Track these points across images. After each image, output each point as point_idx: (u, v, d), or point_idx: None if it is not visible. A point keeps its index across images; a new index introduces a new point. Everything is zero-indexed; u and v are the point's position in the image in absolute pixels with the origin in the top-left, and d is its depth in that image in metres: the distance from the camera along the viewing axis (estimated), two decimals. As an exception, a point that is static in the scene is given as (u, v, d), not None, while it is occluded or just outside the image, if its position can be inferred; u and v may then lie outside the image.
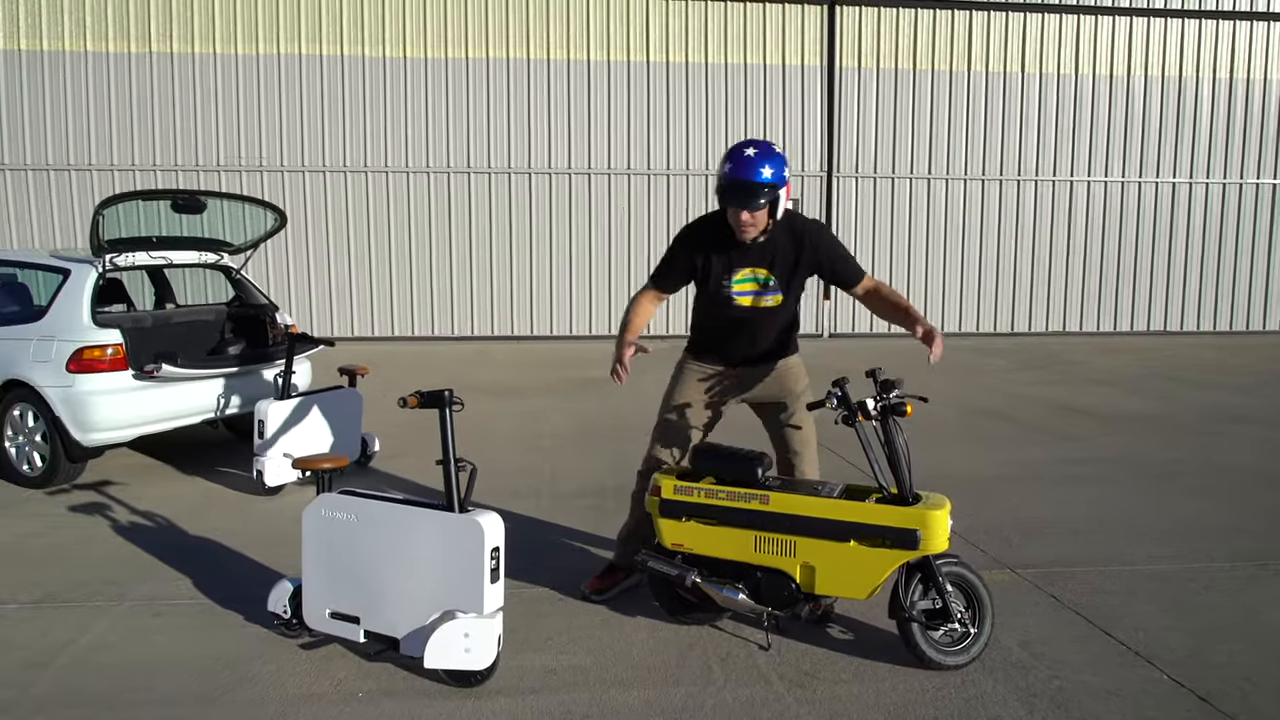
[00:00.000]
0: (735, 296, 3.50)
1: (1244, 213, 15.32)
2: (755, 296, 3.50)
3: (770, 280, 3.48)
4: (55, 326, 5.47)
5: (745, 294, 3.49)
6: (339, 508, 3.22)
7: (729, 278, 3.47)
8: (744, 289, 3.49)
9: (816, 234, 3.49)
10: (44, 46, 12.88)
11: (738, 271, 3.47)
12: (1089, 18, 14.66)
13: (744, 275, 3.47)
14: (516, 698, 3.00)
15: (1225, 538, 4.66)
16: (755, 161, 3.25)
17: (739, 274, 3.47)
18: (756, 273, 3.47)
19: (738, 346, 3.64)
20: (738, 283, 3.48)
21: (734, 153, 3.31)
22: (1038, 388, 9.58)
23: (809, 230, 3.47)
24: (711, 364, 3.70)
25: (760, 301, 3.51)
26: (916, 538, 3.05)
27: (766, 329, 3.60)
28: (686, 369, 3.74)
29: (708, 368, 3.70)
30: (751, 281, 3.48)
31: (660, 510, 3.42)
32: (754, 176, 3.24)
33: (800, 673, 3.18)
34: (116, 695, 3.03)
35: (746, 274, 3.47)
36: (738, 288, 3.49)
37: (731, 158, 3.30)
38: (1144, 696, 3.01)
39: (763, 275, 3.47)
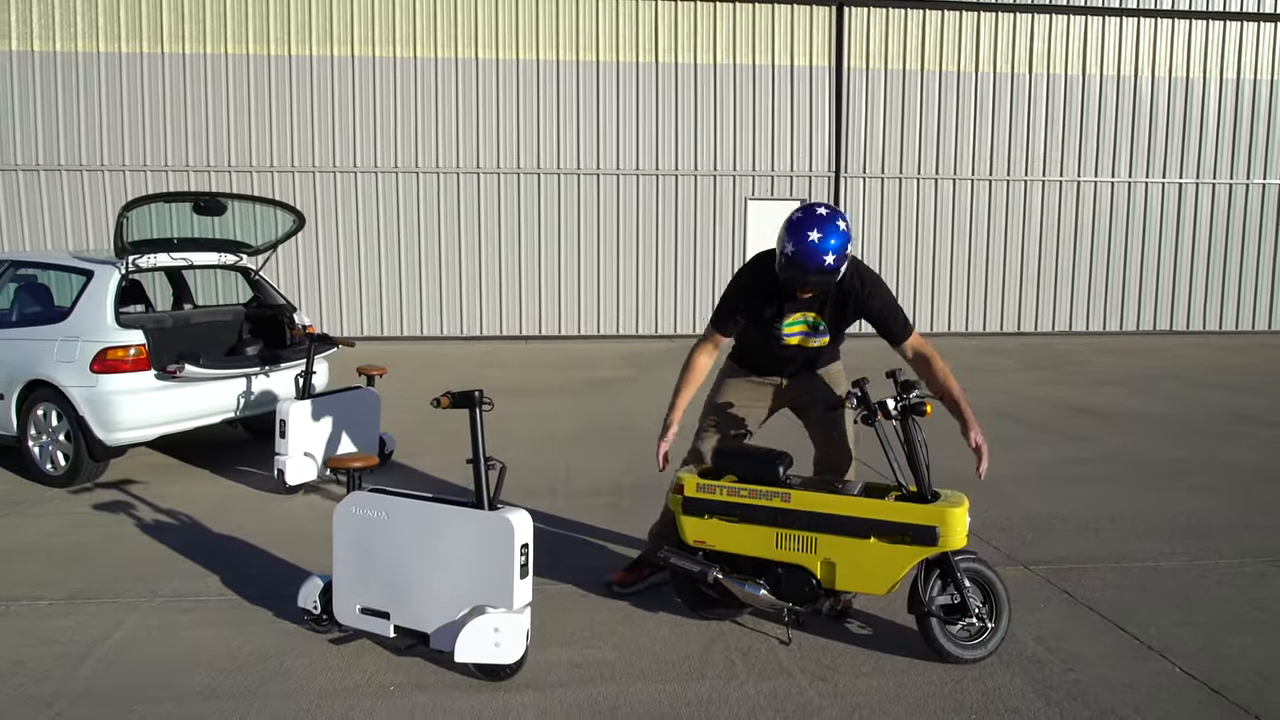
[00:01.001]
0: (785, 337, 3.56)
1: (1250, 213, 15.36)
2: (804, 337, 3.57)
3: (820, 325, 3.54)
4: (79, 327, 5.55)
5: (795, 334, 3.56)
6: (370, 505, 3.29)
7: (780, 320, 3.52)
8: (794, 330, 3.55)
9: (872, 286, 3.47)
10: (55, 47, 12.97)
11: (790, 315, 3.52)
12: (1096, 18, 14.70)
13: (795, 319, 3.53)
14: (544, 691, 3.07)
15: (1234, 534, 4.72)
16: (819, 247, 3.18)
17: (791, 317, 3.52)
18: (807, 316, 3.53)
19: (783, 371, 3.75)
20: (789, 325, 3.53)
21: (797, 231, 3.21)
22: (1045, 387, 9.63)
23: (866, 281, 3.46)
24: (750, 375, 3.80)
25: (808, 342, 3.58)
26: (936, 534, 3.12)
27: (810, 360, 3.71)
28: (730, 376, 3.82)
29: (749, 377, 3.79)
30: (802, 324, 3.55)
31: (683, 507, 3.49)
32: (816, 264, 3.20)
33: (821, 666, 3.25)
34: (154, 688, 3.10)
35: (798, 317, 3.53)
36: (788, 330, 3.54)
37: (794, 236, 3.21)
38: (1158, 689, 3.08)
39: (813, 319, 3.53)
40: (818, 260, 3.20)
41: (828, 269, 3.22)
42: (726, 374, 3.84)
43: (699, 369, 3.62)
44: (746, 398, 3.78)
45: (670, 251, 14.27)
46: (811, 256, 3.19)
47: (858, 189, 14.53)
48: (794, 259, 3.22)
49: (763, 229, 14.48)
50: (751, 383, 3.78)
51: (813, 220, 3.21)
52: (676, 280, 14.33)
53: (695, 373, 3.61)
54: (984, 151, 14.71)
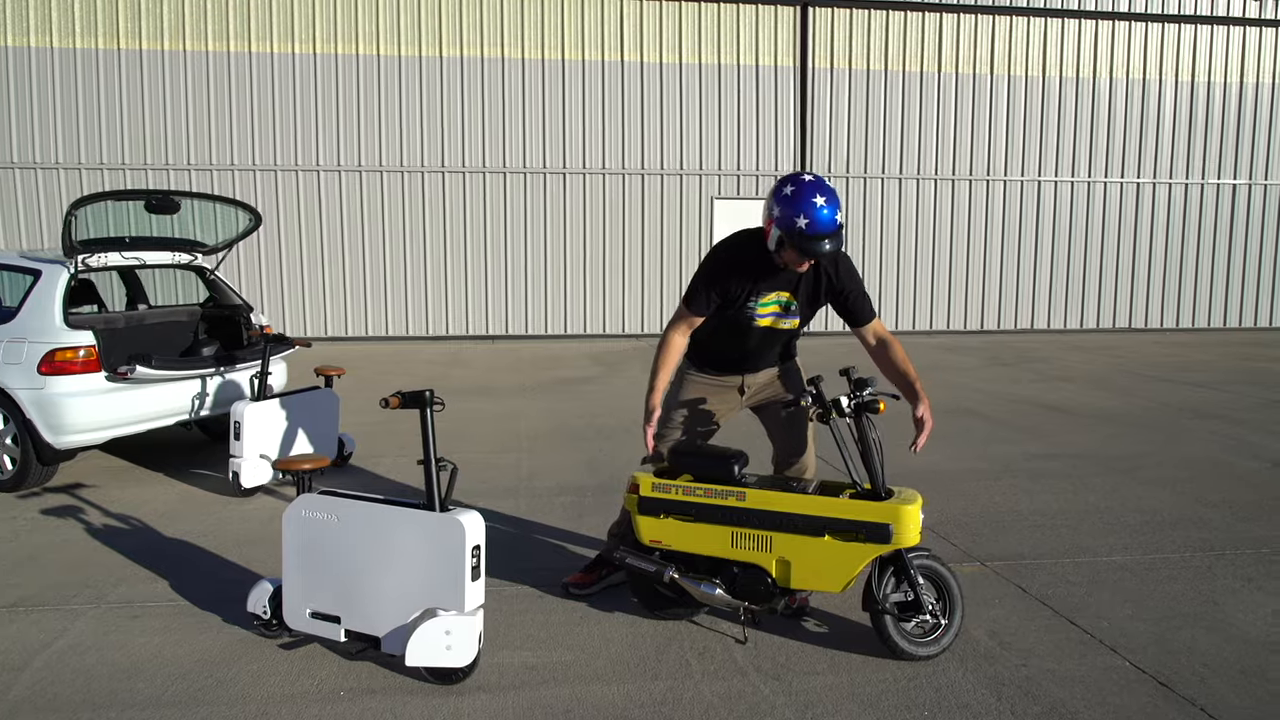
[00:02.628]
0: (757, 318, 3.52)
1: (1205, 212, 15.67)
2: (775, 319, 3.55)
3: (792, 305, 3.53)
4: (26, 328, 5.42)
5: (766, 315, 3.53)
6: (319, 508, 3.24)
7: (755, 300, 3.49)
8: (766, 310, 3.52)
9: (846, 265, 3.52)
10: (8, 42, 12.68)
11: (765, 295, 3.49)
12: (1056, 20, 14.91)
13: (768, 299, 3.50)
14: (497, 694, 3.04)
15: (1186, 529, 4.80)
16: (830, 211, 3.19)
17: (765, 297, 3.49)
18: (780, 295, 3.50)
19: (745, 361, 3.70)
20: (763, 305, 3.50)
21: (803, 203, 3.18)
22: (1007, 385, 9.75)
23: (840, 260, 3.50)
24: (712, 374, 3.75)
25: (779, 324, 3.56)
26: (889, 532, 3.13)
27: (774, 344, 3.67)
28: (689, 377, 3.76)
29: (709, 379, 3.75)
30: (775, 304, 3.52)
31: (639, 507, 3.47)
32: (832, 227, 3.20)
33: (776, 665, 3.25)
34: (96, 697, 3.03)
35: (772, 297, 3.50)
36: (760, 310, 3.51)
37: (804, 208, 3.17)
38: (1107, 683, 3.11)
39: (785, 298, 3.51)
40: (832, 224, 3.19)
41: (840, 227, 3.23)
42: (685, 374, 3.79)
43: (676, 348, 3.58)
44: (707, 398, 3.75)
45: (637, 250, 14.26)
46: (827, 223, 3.18)
47: (824, 188, 14.59)
48: (810, 230, 3.17)
49: (729, 228, 14.45)
50: (712, 384, 3.75)
51: (812, 188, 3.21)
52: (643, 279, 14.32)
53: (673, 353, 3.57)
54: (947, 151, 14.86)
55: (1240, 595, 3.90)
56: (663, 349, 3.57)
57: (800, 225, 3.18)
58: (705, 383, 3.75)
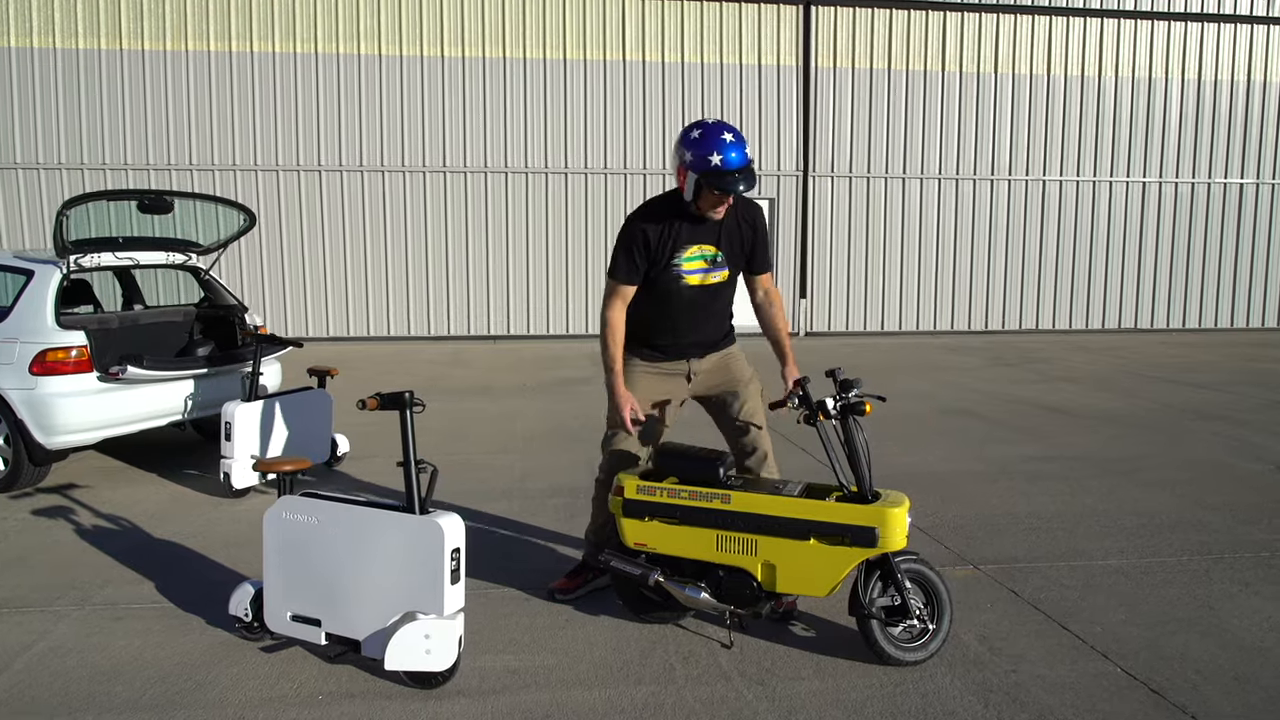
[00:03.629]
0: (684, 275, 3.50)
1: (1212, 212, 15.55)
2: (703, 274, 3.54)
3: (718, 256, 3.54)
4: (18, 328, 5.41)
5: (694, 272, 3.52)
6: (300, 510, 3.21)
7: (679, 255, 3.48)
8: (693, 267, 3.51)
9: (757, 213, 3.63)
10: (12, 44, 12.71)
11: (686, 249, 3.49)
12: (1060, 19, 14.82)
13: (692, 253, 3.50)
14: (477, 699, 3.00)
15: (1184, 532, 4.74)
16: (739, 148, 3.28)
17: (688, 251, 3.49)
18: (704, 249, 3.51)
19: (682, 332, 3.61)
20: (687, 260, 3.50)
21: (713, 141, 3.27)
22: (1008, 385, 9.68)
23: (753, 208, 3.61)
24: (656, 360, 3.65)
25: (708, 279, 3.55)
26: (875, 535, 3.08)
27: (710, 310, 3.64)
28: (632, 369, 3.65)
29: (652, 366, 3.65)
30: (700, 259, 3.52)
31: (623, 510, 3.43)
32: (744, 162, 3.29)
33: (761, 670, 3.20)
34: (73, 701, 3.00)
35: (694, 251, 3.50)
36: (687, 265, 3.50)
37: (715, 146, 3.25)
38: (1098, 689, 3.06)
39: (710, 251, 3.52)
40: (744, 160, 3.29)
41: (750, 163, 3.33)
42: (628, 365, 3.64)
43: (618, 324, 3.53)
44: (656, 392, 3.66)
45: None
46: (737, 159, 3.27)
47: (825, 188, 14.56)
48: (723, 167, 3.25)
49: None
50: (656, 372, 3.65)
51: (719, 127, 3.31)
52: (645, 279, 14.26)
53: (617, 329, 3.53)
54: (950, 151, 14.79)
55: (1237, 600, 3.84)
56: (606, 329, 3.54)
57: (714, 162, 3.25)
58: (649, 371, 3.65)
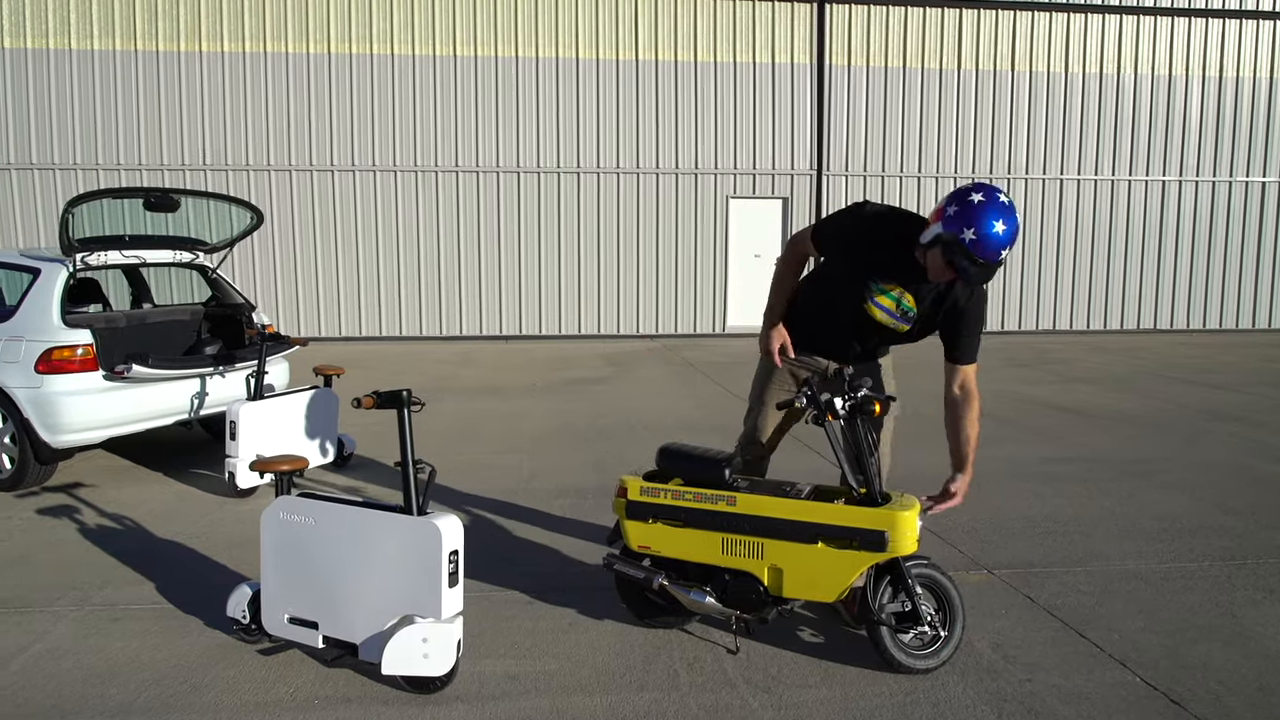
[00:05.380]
0: (870, 303, 3.26)
1: (1233, 211, 15.32)
2: (888, 315, 3.28)
3: (911, 312, 3.26)
4: (24, 327, 5.39)
5: (880, 307, 3.26)
6: (297, 510, 3.15)
7: (879, 283, 3.22)
8: (883, 302, 3.26)
9: (980, 299, 3.24)
10: (28, 44, 12.78)
11: (889, 283, 3.22)
12: (1078, 15, 14.63)
13: (892, 291, 3.23)
14: (476, 704, 2.94)
15: (1205, 536, 4.62)
16: (1002, 240, 2.90)
17: (889, 286, 3.23)
18: (905, 297, 3.23)
19: (840, 345, 3.46)
20: (881, 292, 3.24)
21: (981, 218, 2.89)
22: (1023, 386, 9.54)
23: (976, 291, 3.22)
24: (806, 356, 3.52)
25: (888, 321, 3.29)
26: (884, 539, 2.99)
27: (873, 341, 3.43)
28: (772, 369, 3.54)
29: (803, 361, 3.52)
30: (894, 301, 3.25)
31: (627, 512, 3.36)
32: (989, 256, 2.92)
33: (768, 677, 3.12)
34: (66, 704, 2.96)
35: (895, 291, 3.23)
36: (878, 298, 3.25)
37: (978, 223, 2.88)
38: (1115, 700, 2.96)
39: (909, 303, 3.24)
40: (995, 253, 2.91)
41: (998, 264, 2.96)
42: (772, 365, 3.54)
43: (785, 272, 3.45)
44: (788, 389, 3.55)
45: (651, 250, 14.14)
46: (992, 248, 2.90)
47: (840, 187, 14.43)
48: (973, 246, 2.89)
49: (744, 227, 14.37)
50: (798, 368, 3.52)
51: (999, 209, 2.91)
52: (658, 279, 14.20)
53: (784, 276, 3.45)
54: (966, 149, 14.63)
55: (1261, 607, 3.72)
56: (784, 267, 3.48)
57: (965, 236, 2.90)
58: (792, 363, 3.50)
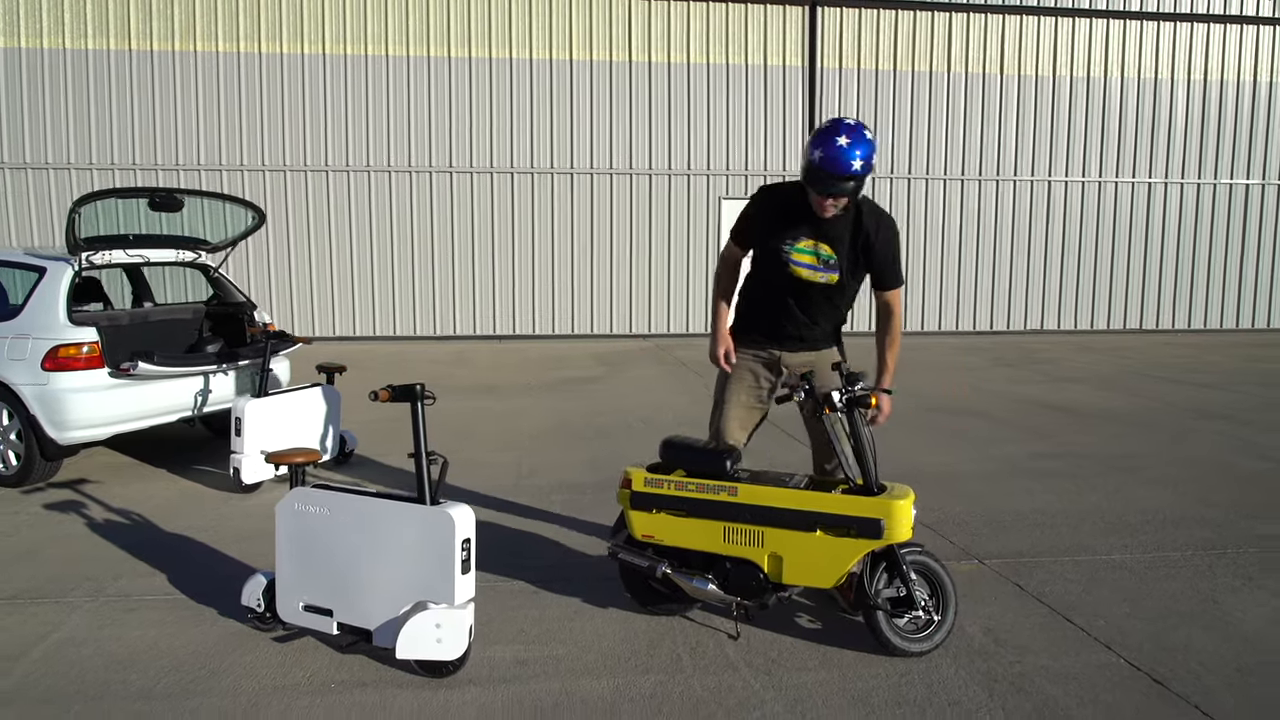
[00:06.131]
0: (792, 264, 3.45)
1: (1218, 212, 15.55)
2: (812, 270, 3.46)
3: (831, 259, 3.45)
4: (30, 324, 5.46)
5: (802, 265, 3.45)
6: (312, 501, 3.25)
7: (791, 242, 3.44)
8: (802, 259, 3.45)
9: (885, 223, 3.47)
10: (22, 44, 12.79)
11: (802, 240, 3.43)
12: (1066, 20, 14.83)
13: (806, 245, 3.44)
14: (488, 687, 3.04)
15: (1188, 528, 4.76)
16: (847, 152, 3.14)
17: (802, 242, 3.44)
18: (819, 247, 3.43)
19: (786, 321, 3.58)
20: (798, 250, 3.44)
21: (825, 137, 3.18)
22: (1013, 385, 9.69)
23: (880, 218, 3.46)
24: (758, 349, 3.66)
25: (816, 276, 3.47)
26: (880, 527, 3.11)
27: (817, 306, 3.56)
28: (737, 359, 3.68)
29: (756, 355, 3.66)
30: (812, 254, 3.45)
31: (631, 502, 3.47)
32: (845, 169, 3.16)
33: (768, 660, 3.24)
34: (89, 689, 3.05)
35: (809, 245, 3.44)
36: (796, 255, 3.45)
37: (823, 143, 3.17)
38: (1101, 680, 3.09)
39: (825, 251, 3.44)
40: (846, 165, 3.14)
41: (856, 173, 3.17)
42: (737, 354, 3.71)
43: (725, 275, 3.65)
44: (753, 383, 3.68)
45: (643, 251, 14.26)
46: (841, 161, 3.14)
47: (831, 188, 14.56)
48: (822, 164, 3.16)
49: (736, 228, 14.48)
50: (753, 360, 3.66)
51: (842, 127, 3.18)
52: (650, 279, 14.32)
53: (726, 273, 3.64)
54: (956, 151, 14.81)
55: (1240, 594, 3.86)
56: (718, 279, 3.67)
57: (814, 158, 3.17)
58: (747, 360, 3.66)
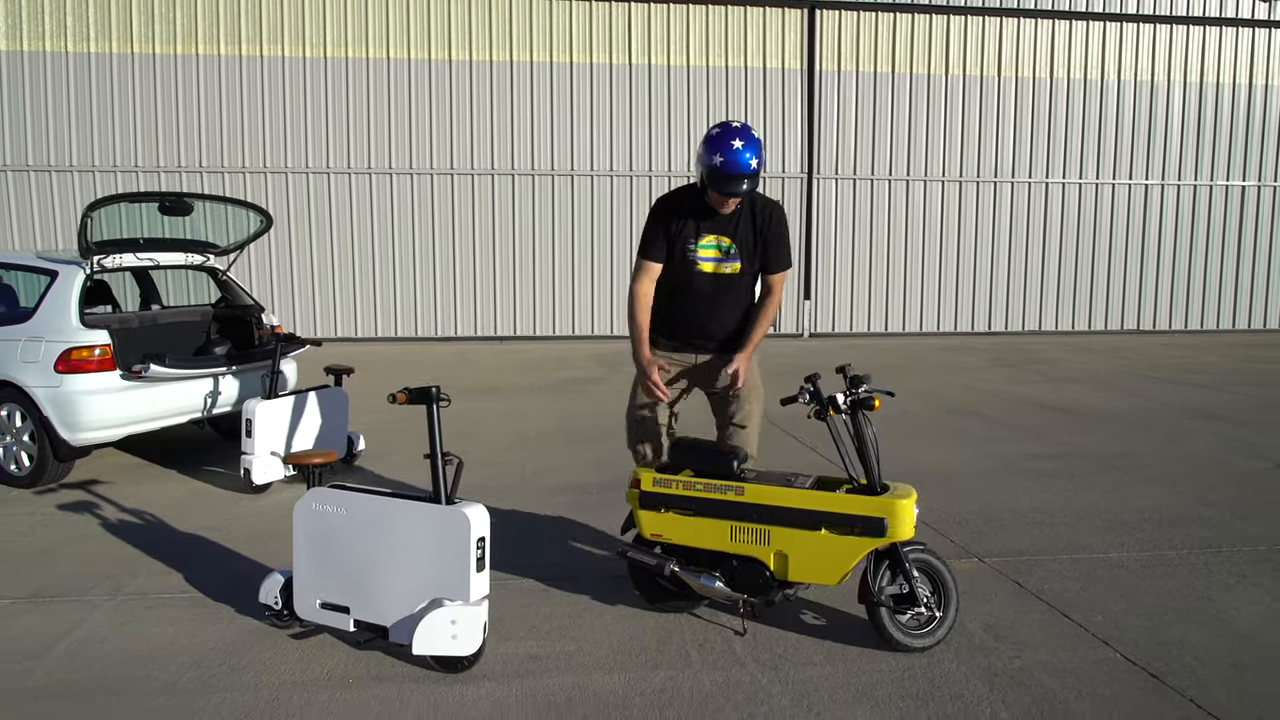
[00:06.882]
0: (699, 262, 3.70)
1: (1214, 214, 15.65)
2: (716, 263, 3.72)
3: (732, 249, 3.72)
4: (43, 327, 5.54)
5: (708, 260, 3.71)
6: (329, 501, 3.33)
7: (695, 242, 3.70)
8: (707, 255, 3.71)
9: (776, 213, 3.80)
10: (24, 46, 12.86)
11: (704, 237, 3.70)
12: (1063, 22, 14.93)
13: (709, 241, 3.71)
14: (501, 682, 3.12)
15: (1184, 527, 4.85)
16: (744, 155, 3.47)
17: (705, 239, 3.70)
18: (720, 240, 3.71)
19: (698, 322, 3.78)
20: (702, 248, 3.71)
21: (721, 143, 3.49)
22: (1011, 385, 9.78)
23: (771, 209, 3.78)
24: (671, 352, 3.82)
25: (720, 268, 3.73)
26: (884, 525, 3.20)
27: (722, 302, 3.77)
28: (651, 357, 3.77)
29: (665, 355, 3.80)
30: (715, 249, 3.71)
31: (640, 502, 3.55)
32: (744, 169, 3.48)
33: (774, 656, 3.32)
34: (114, 684, 3.13)
35: (711, 240, 3.71)
36: (702, 253, 3.70)
37: (720, 149, 3.48)
38: (1098, 674, 3.18)
39: (726, 243, 3.71)
40: (744, 166, 3.48)
41: (754, 171, 3.51)
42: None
43: (644, 295, 3.75)
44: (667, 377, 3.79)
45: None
46: (740, 163, 3.47)
47: (830, 190, 14.67)
48: (723, 168, 3.47)
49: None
50: (670, 363, 3.80)
51: (733, 132, 3.51)
52: (651, 281, 14.36)
53: (643, 301, 3.73)
54: (954, 153, 14.90)
55: (1235, 591, 3.95)
56: (633, 301, 3.75)
57: (715, 162, 3.48)
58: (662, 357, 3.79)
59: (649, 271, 3.76)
